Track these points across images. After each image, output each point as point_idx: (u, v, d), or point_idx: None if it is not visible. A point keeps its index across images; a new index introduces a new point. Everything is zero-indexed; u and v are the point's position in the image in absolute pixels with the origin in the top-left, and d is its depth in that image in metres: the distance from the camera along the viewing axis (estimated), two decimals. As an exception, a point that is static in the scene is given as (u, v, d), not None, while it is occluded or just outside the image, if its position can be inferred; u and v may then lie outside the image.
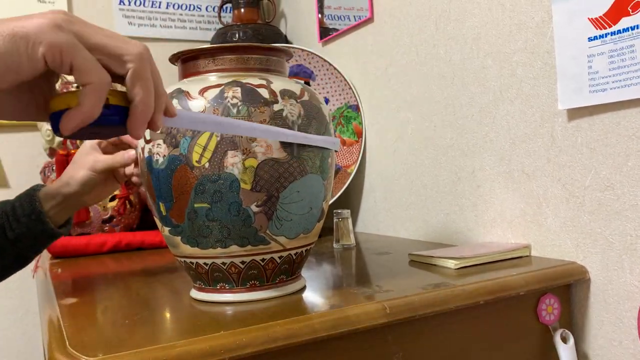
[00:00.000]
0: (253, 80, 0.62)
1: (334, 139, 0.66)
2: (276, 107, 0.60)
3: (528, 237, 0.85)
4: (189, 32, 1.65)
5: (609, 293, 0.74)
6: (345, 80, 1.28)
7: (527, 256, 0.83)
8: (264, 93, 0.61)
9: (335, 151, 0.68)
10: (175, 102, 0.60)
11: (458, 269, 0.75)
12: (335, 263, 0.89)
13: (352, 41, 1.29)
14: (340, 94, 1.30)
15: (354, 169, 1.25)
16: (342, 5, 1.33)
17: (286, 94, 0.62)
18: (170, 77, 1.48)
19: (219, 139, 0.58)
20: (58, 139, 1.25)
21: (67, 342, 0.51)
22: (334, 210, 1.05)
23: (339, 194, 1.26)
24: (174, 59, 0.66)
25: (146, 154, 0.62)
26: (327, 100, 1.32)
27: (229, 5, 1.61)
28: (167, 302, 0.70)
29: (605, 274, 0.74)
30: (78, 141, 1.25)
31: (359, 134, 1.27)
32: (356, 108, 1.28)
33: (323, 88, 1.32)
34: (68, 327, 0.56)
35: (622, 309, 0.72)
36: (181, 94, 0.61)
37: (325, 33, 1.39)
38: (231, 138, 0.58)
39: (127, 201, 1.21)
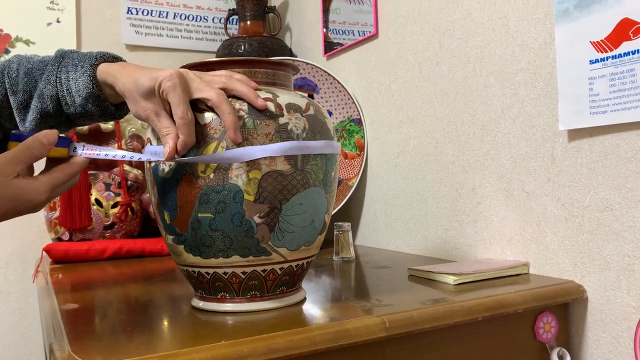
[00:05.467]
0: (260, 93, 0.63)
1: (334, 143, 0.67)
2: (282, 121, 0.61)
3: (527, 255, 0.85)
4: (195, 43, 1.66)
5: (606, 313, 0.74)
6: (349, 94, 1.29)
7: (525, 274, 0.83)
8: (270, 106, 0.62)
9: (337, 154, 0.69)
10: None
11: (457, 284, 0.76)
12: (335, 275, 0.90)
13: (357, 56, 1.30)
14: (343, 108, 1.32)
15: (355, 182, 1.26)
16: (347, 20, 1.35)
17: (292, 107, 0.63)
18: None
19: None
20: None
21: (69, 348, 0.52)
22: (335, 223, 1.05)
23: (339, 206, 1.26)
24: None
25: (153, 164, 0.63)
26: (330, 114, 1.33)
27: (235, 17, 1.63)
28: (168, 310, 0.71)
29: (603, 293, 0.75)
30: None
31: (361, 147, 1.28)
32: (359, 122, 1.29)
33: (326, 101, 1.34)
34: (70, 333, 0.57)
35: (619, 329, 0.73)
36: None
37: (330, 47, 1.41)
38: (237, 150, 0.59)
39: (128, 208, 1.22)
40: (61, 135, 0.59)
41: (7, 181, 0.55)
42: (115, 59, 0.68)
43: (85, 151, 0.60)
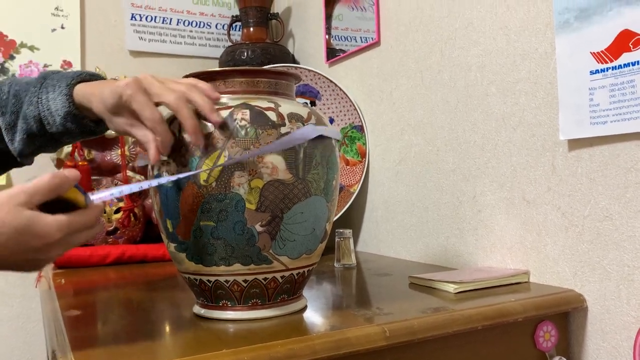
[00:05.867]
0: (262, 103, 0.63)
1: (333, 129, 0.67)
2: (283, 130, 0.62)
3: (527, 264, 0.86)
4: (198, 49, 1.67)
5: (606, 322, 0.75)
6: (351, 101, 1.30)
7: (525, 282, 0.84)
8: (272, 116, 0.62)
9: (338, 141, 0.69)
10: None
11: (457, 293, 0.76)
12: (336, 283, 0.90)
13: (359, 63, 1.31)
14: (345, 115, 1.32)
15: (356, 189, 1.27)
16: (350, 26, 1.35)
17: (293, 117, 0.64)
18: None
19: (226, 158, 0.60)
20: (66, 150, 1.27)
21: (71, 355, 0.52)
22: (336, 230, 1.06)
23: (341, 212, 1.27)
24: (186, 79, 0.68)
25: (155, 172, 0.64)
26: (332, 120, 1.34)
27: (238, 23, 1.64)
28: (170, 317, 0.71)
29: (603, 303, 0.75)
30: (86, 153, 1.27)
31: (362, 154, 1.29)
32: (360, 129, 1.29)
33: (328, 108, 1.34)
34: (72, 340, 0.57)
35: (619, 339, 0.73)
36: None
37: (332, 54, 1.42)
38: (238, 158, 0.60)
39: (131, 214, 1.23)
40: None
41: (18, 210, 0.48)
42: (92, 76, 0.69)
43: (97, 195, 0.54)
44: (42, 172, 0.58)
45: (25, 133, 0.69)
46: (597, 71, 0.73)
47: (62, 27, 1.52)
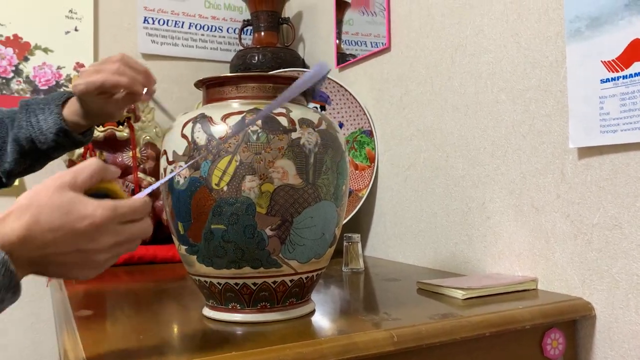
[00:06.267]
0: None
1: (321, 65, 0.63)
2: (294, 135, 0.63)
3: (535, 271, 0.86)
4: (209, 53, 1.69)
5: (614, 331, 0.75)
6: (360, 106, 1.30)
7: (533, 289, 0.84)
8: (283, 121, 0.63)
9: (328, 72, 0.65)
10: (198, 126, 0.63)
11: (465, 299, 0.76)
12: (344, 287, 0.91)
13: (369, 68, 1.31)
14: (354, 119, 1.33)
15: (365, 193, 1.27)
16: (360, 31, 1.36)
17: (304, 122, 0.64)
18: (190, 96, 1.50)
19: (238, 163, 0.61)
20: (78, 152, 1.28)
21: (83, 355, 0.53)
22: (344, 234, 1.06)
23: (349, 217, 1.27)
24: (199, 84, 0.69)
25: (167, 173, 0.65)
26: (341, 125, 1.34)
27: (249, 28, 1.65)
28: (179, 318, 0.72)
29: (611, 311, 0.75)
30: (98, 154, 1.28)
31: (371, 159, 1.29)
32: (370, 134, 1.30)
33: (338, 112, 1.35)
34: (84, 340, 0.58)
35: (627, 347, 0.73)
36: (204, 119, 0.63)
37: (343, 58, 1.42)
38: (250, 163, 0.60)
39: (141, 215, 1.24)
40: None
41: (64, 189, 0.47)
42: (71, 95, 0.79)
43: (138, 195, 0.53)
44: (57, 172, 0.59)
45: (18, 153, 0.79)
46: (607, 80, 0.73)
47: (76, 30, 1.54)
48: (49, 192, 0.46)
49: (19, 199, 0.47)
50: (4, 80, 1.46)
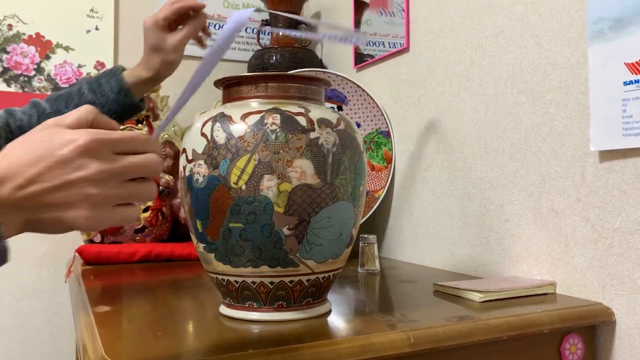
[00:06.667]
0: (292, 108, 0.64)
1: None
2: (313, 135, 0.63)
3: (554, 275, 0.85)
4: (228, 52, 1.70)
5: (634, 337, 0.73)
6: (378, 106, 1.30)
7: (552, 293, 0.83)
8: (302, 121, 0.63)
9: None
10: (217, 125, 0.63)
11: (483, 302, 0.75)
12: (360, 288, 0.91)
13: (387, 69, 1.31)
14: (372, 120, 1.33)
15: (382, 194, 1.27)
16: (378, 31, 1.36)
17: (323, 122, 0.64)
18: (208, 94, 1.50)
19: (256, 162, 0.61)
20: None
21: (102, 351, 0.53)
22: (360, 235, 1.06)
23: (365, 217, 1.27)
24: (218, 83, 0.70)
25: (187, 173, 0.65)
26: (358, 125, 1.34)
27: (267, 28, 1.65)
28: (196, 316, 0.72)
29: (632, 317, 0.74)
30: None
31: (388, 160, 1.29)
32: (387, 134, 1.29)
33: (355, 113, 1.35)
34: (103, 335, 0.59)
35: (648, 354, 0.72)
36: (224, 117, 0.63)
37: (360, 59, 1.42)
38: (268, 162, 0.61)
39: (159, 213, 1.25)
40: None
41: (44, 127, 0.43)
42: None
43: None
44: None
45: None
46: (631, 82, 0.72)
47: (97, 29, 1.56)
48: (30, 132, 0.43)
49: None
50: (26, 78, 1.49)
